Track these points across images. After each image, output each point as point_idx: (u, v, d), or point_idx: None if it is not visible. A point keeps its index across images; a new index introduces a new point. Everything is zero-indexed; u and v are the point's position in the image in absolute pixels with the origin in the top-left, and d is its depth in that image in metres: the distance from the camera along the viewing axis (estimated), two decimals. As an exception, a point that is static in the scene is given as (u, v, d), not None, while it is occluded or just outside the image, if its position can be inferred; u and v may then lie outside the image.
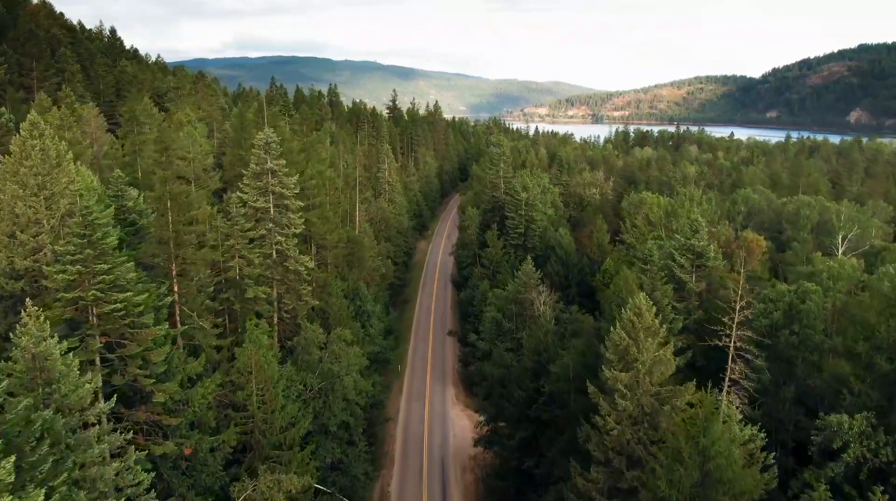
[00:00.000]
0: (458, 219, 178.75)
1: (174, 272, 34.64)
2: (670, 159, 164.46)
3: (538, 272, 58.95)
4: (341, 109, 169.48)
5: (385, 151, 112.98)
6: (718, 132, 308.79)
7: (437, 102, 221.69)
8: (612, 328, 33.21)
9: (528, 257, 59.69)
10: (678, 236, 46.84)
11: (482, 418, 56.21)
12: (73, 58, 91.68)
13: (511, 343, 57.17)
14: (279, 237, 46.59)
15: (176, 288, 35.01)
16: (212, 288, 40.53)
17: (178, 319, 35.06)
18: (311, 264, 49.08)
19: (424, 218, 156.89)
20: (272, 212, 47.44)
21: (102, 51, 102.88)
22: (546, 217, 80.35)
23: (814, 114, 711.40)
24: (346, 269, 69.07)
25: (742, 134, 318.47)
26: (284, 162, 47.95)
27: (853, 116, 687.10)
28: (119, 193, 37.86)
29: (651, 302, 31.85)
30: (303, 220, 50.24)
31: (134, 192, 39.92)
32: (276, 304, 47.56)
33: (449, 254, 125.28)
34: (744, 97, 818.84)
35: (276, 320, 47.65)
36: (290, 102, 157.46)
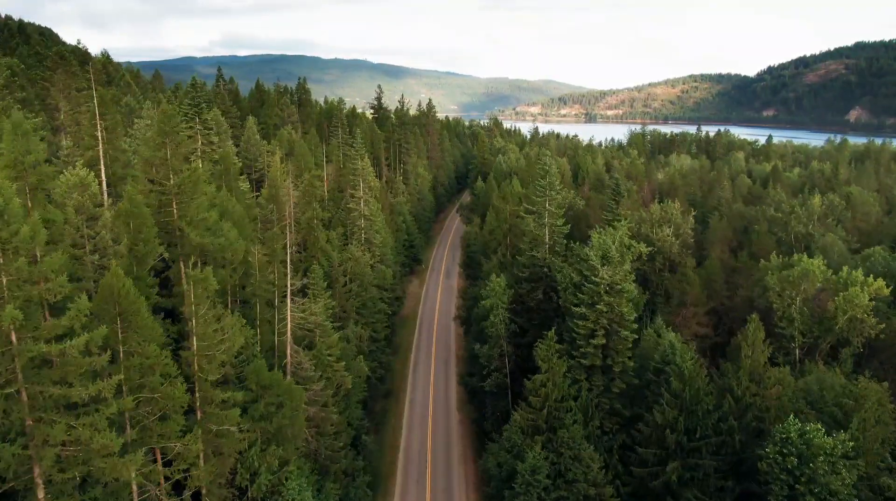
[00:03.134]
0: (458, 245, 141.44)
1: None
2: (728, 173, 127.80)
3: None
4: (311, 109, 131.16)
5: (360, 170, 75.32)
6: (739, 133, 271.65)
7: (430, 100, 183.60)
8: None
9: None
10: None
11: None
12: None
13: None
14: None
15: None
16: None
17: None
18: None
19: (417, 248, 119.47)
20: None
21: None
22: (632, 305, 42.99)
23: (812, 112, 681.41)
24: (258, 454, 31.81)
25: (740, 133, 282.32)
26: None
27: (852, 114, 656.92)
28: None
29: None
30: None
31: None
32: None
33: (452, 317, 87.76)
34: (739, 96, 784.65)
35: None
36: (239, 99, 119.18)
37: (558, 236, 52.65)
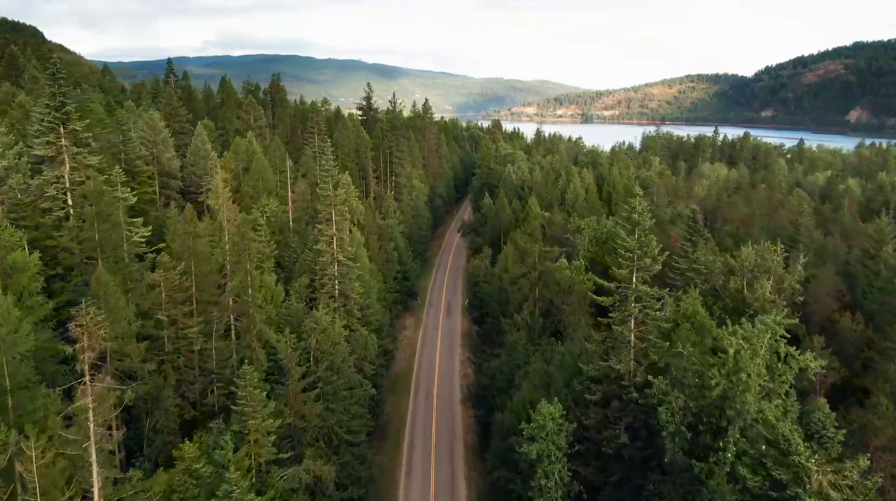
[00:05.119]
0: (460, 269, 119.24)
1: None
2: (780, 186, 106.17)
3: None
4: (284, 110, 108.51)
5: (333, 198, 52.97)
6: (706, 131, 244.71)
7: (426, 101, 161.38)
8: None
9: None
10: None
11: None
12: None
13: None
14: None
15: None
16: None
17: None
18: None
19: (411, 279, 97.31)
20: None
21: None
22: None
23: (811, 113, 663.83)
24: None
25: (738, 133, 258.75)
26: None
27: (853, 115, 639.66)
28: None
29: None
30: None
31: None
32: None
33: (459, 399, 65.61)
34: (737, 96, 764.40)
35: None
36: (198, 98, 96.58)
37: (655, 337, 30.51)
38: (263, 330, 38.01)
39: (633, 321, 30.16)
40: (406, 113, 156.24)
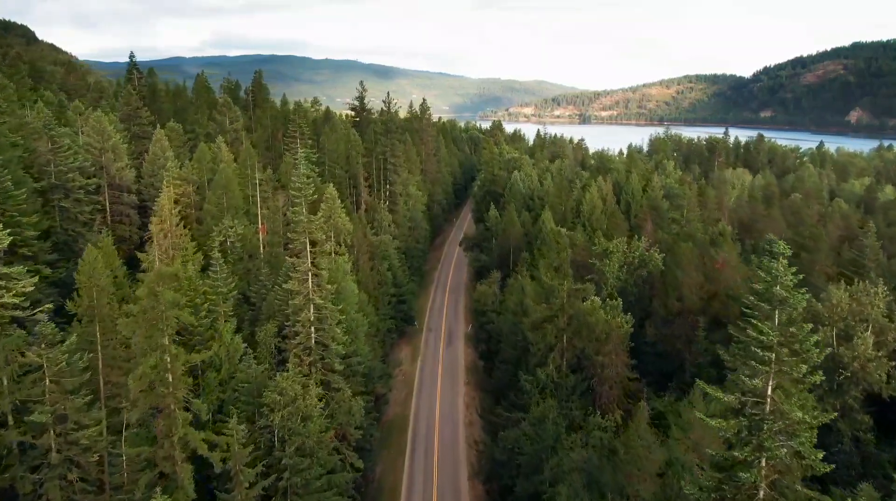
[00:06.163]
0: (461, 286, 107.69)
1: None
2: (819, 195, 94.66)
3: None
4: (264, 112, 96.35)
5: (305, 224, 41.40)
6: (707, 132, 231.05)
7: (424, 101, 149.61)
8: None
9: None
10: None
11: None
12: None
13: None
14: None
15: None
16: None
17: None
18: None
19: (408, 302, 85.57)
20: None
21: None
22: None
23: (811, 113, 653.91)
24: None
25: (738, 134, 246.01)
26: None
27: (853, 115, 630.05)
28: None
29: None
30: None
31: None
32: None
33: (467, 476, 53.76)
34: (736, 96, 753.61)
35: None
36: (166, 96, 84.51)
37: (803, 487, 18.53)
38: (189, 435, 26.32)
39: (764, 465, 18.28)
40: (402, 114, 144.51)
